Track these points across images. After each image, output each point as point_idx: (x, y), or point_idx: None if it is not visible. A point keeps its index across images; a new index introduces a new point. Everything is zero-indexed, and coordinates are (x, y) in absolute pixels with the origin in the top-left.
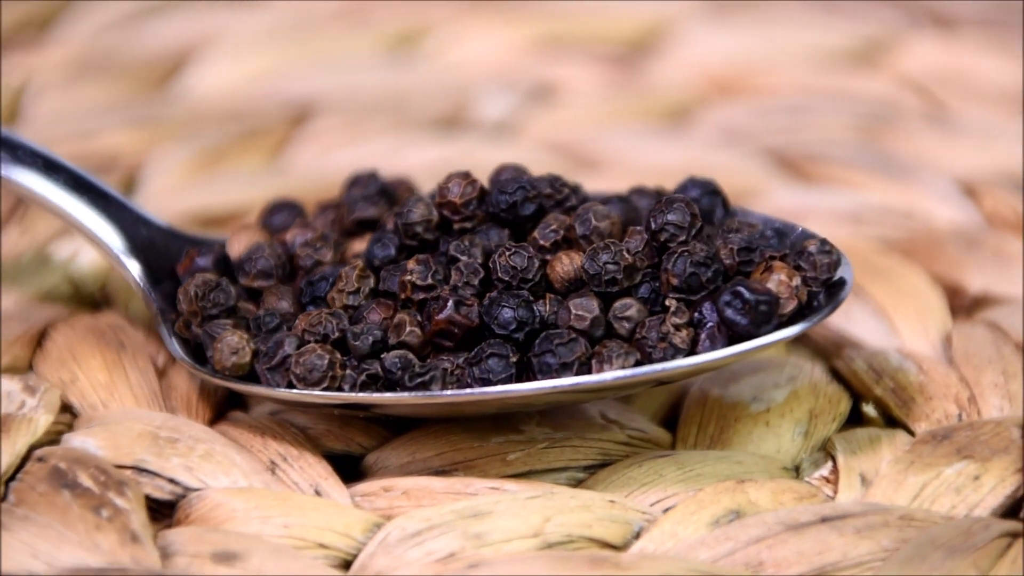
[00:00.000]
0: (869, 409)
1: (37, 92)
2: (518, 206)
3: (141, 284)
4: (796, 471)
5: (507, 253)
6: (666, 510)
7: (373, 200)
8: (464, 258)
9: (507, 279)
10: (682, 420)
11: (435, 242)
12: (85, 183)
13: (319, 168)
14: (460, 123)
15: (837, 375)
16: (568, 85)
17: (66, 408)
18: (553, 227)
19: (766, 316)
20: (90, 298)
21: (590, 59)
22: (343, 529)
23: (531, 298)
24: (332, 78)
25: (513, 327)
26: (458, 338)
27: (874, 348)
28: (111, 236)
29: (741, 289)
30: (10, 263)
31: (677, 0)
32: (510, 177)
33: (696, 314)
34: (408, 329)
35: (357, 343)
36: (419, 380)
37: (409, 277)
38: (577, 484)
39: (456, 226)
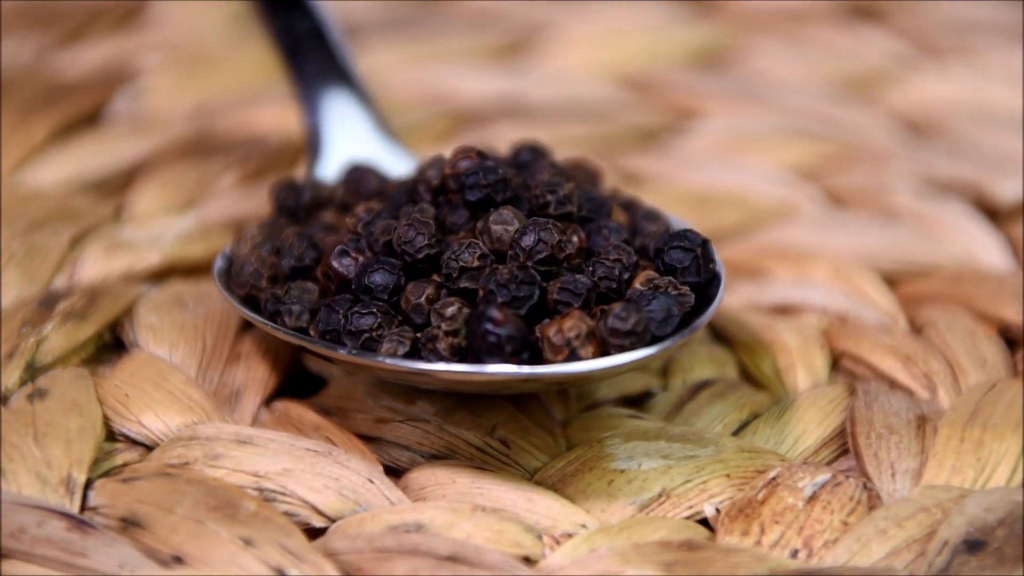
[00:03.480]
0: (708, 508)
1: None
2: (466, 190)
3: (310, 174)
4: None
5: (404, 224)
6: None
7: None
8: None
9: (395, 247)
10: (562, 455)
11: (432, 204)
12: (342, 73)
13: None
14: (971, 192)
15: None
16: None
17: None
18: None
19: (491, 347)
20: None
21: None
22: (158, 422)
23: (397, 269)
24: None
25: (361, 289)
26: (335, 284)
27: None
28: (326, 125)
29: (482, 315)
30: None
31: None
32: (489, 164)
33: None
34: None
35: (282, 264)
36: (273, 308)
37: (351, 219)
38: (409, 466)
39: (449, 196)
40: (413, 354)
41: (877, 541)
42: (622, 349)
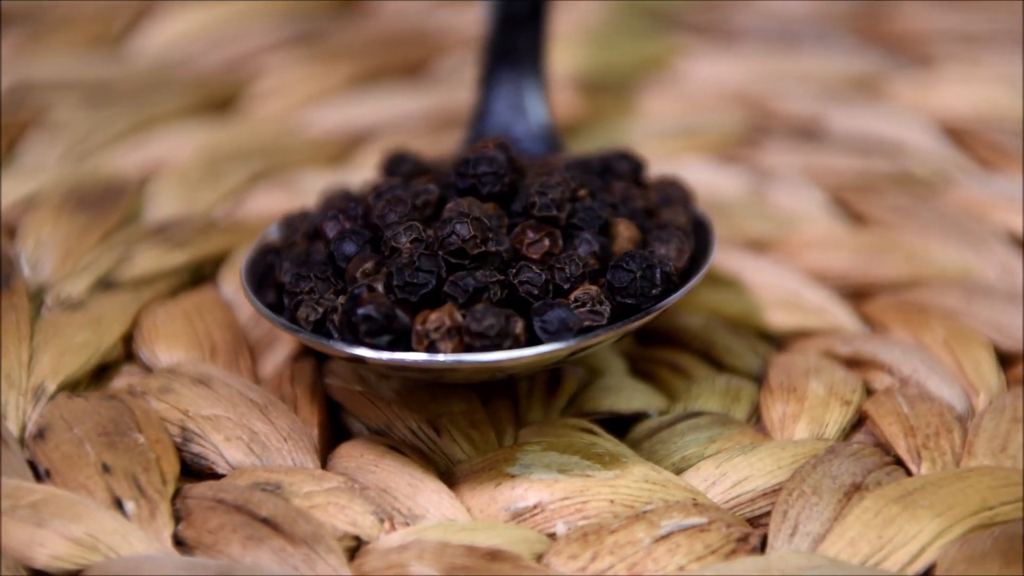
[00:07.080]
0: (561, 526)
1: None
2: (456, 176)
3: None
4: None
5: (385, 200)
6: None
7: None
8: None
9: (374, 220)
10: (481, 452)
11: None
12: (534, 61)
13: None
14: None
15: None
16: None
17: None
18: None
19: (349, 326)
20: None
21: None
22: (165, 353)
23: (363, 241)
24: None
25: (327, 254)
26: (324, 245)
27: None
28: (495, 107)
29: (350, 294)
30: None
31: None
32: (488, 156)
33: None
34: None
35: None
36: (270, 261)
37: (370, 189)
38: (356, 435)
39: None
40: (322, 323)
41: None
42: (475, 349)
